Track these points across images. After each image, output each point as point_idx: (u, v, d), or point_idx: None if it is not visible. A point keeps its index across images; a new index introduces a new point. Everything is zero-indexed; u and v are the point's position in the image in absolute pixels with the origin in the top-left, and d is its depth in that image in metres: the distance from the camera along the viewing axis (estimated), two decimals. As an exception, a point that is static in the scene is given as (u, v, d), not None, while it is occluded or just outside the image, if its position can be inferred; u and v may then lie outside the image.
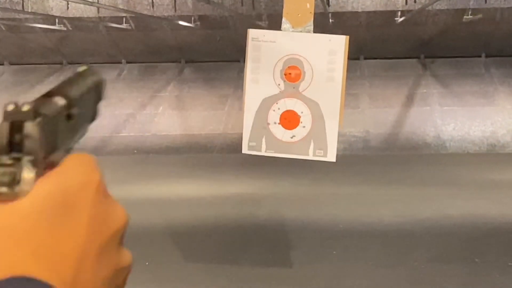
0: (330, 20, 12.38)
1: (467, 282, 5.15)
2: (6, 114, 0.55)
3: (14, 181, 0.53)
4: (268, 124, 3.71)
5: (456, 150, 12.60)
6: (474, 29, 12.88)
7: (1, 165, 0.54)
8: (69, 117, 0.61)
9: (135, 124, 14.07)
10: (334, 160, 3.69)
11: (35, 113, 0.55)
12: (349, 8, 13.04)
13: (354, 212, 7.52)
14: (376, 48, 13.96)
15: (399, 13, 12.76)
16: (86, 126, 0.67)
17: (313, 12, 3.73)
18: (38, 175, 0.54)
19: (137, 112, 14.36)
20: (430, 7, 12.06)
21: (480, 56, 14.07)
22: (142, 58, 15.07)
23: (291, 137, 3.69)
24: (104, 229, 0.59)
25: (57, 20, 12.75)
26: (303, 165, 4.63)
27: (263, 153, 3.71)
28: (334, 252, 6.00)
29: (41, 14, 12.27)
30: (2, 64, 15.61)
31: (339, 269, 5.49)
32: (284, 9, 3.70)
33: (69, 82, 0.64)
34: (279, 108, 3.70)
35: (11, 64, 15.44)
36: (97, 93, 0.70)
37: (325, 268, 5.48)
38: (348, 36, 3.69)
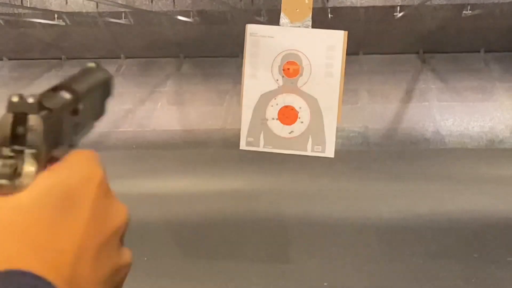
0: (329, 15, 12.36)
1: (466, 277, 5.16)
2: (10, 105, 0.54)
3: (15, 174, 0.53)
4: (266, 119, 3.70)
5: (454, 146, 12.59)
6: (473, 24, 12.87)
7: (2, 157, 0.53)
8: (74, 112, 0.60)
9: (134, 120, 14.06)
10: (332, 156, 3.69)
11: (40, 106, 0.54)
12: (348, 3, 13.03)
13: (353, 208, 7.52)
14: (375, 43, 13.95)
15: (398, 8, 12.74)
16: (92, 122, 0.67)
17: (311, 7, 3.73)
18: (40, 169, 0.54)
19: (136, 108, 14.34)
20: (429, 2, 12.03)
21: (479, 52, 14.06)
22: (141, 53, 15.05)
23: (289, 133, 3.69)
24: (105, 227, 0.59)
25: (56, 15, 12.73)
26: (301, 160, 4.62)
27: (261, 149, 3.71)
28: (333, 247, 6.01)
29: (40, 9, 12.25)
30: (1, 59, 15.59)
31: (337, 264, 5.50)
32: (282, 4, 3.70)
33: (76, 77, 0.63)
34: (277, 104, 3.69)
35: (10, 59, 15.42)
36: (105, 90, 0.69)
37: (323, 264, 5.49)
38: (346, 31, 3.68)
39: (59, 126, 0.57)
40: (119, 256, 0.62)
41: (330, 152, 3.69)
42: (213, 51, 14.58)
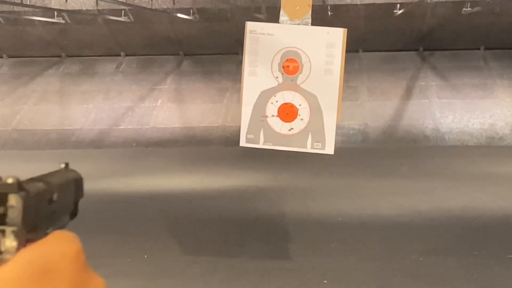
0: (329, 13, 12.37)
1: (465, 274, 5.16)
2: None
3: None
4: (266, 116, 3.70)
5: (454, 143, 12.62)
6: (473, 21, 12.88)
7: None
8: (50, 201, 0.64)
9: (134, 117, 14.08)
10: (332, 152, 3.69)
11: (19, 186, 0.57)
12: (348, 1, 13.04)
13: (353, 205, 7.53)
14: (375, 41, 13.95)
15: (398, 6, 12.76)
16: (66, 218, 0.70)
17: (311, 5, 3.73)
18: (20, 245, 0.57)
19: (136, 105, 14.36)
20: (429, 0, 12.04)
21: (479, 49, 14.08)
22: (141, 51, 15.06)
23: (289, 130, 3.70)
24: None
25: (55, 13, 12.74)
26: (301, 158, 4.64)
27: (261, 145, 3.71)
28: (333, 244, 6.02)
29: (39, 7, 12.25)
30: (1, 57, 15.60)
31: (337, 261, 5.50)
32: (282, 2, 3.70)
33: (49, 173, 0.68)
34: (277, 101, 3.70)
35: (10, 57, 15.43)
36: (76, 188, 0.74)
37: (324, 261, 5.50)
38: (346, 29, 3.68)
39: (36, 209, 0.60)
40: None
41: (330, 149, 3.70)
42: (213, 48, 14.60)
